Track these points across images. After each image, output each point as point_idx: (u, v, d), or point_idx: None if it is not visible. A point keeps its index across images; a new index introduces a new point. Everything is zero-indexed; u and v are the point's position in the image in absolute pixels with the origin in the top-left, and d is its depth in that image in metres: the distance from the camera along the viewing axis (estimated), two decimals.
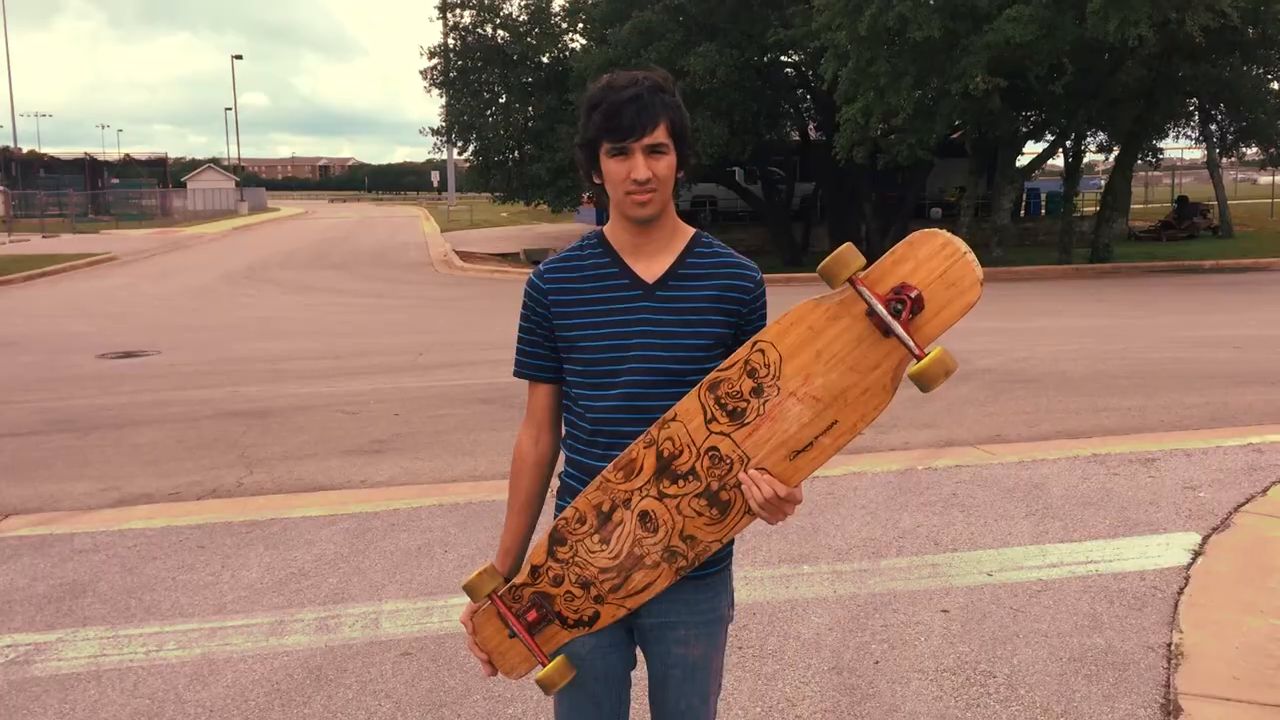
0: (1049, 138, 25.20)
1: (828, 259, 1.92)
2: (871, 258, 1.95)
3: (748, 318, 2.11)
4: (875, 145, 21.42)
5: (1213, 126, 28.94)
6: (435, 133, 30.40)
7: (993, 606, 4.37)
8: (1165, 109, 24.31)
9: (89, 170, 65.90)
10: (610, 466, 2.02)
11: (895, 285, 1.90)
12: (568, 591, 2.06)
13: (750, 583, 4.66)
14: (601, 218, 2.25)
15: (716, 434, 1.97)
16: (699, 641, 2.16)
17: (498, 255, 30.34)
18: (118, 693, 3.78)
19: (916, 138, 20.26)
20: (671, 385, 2.05)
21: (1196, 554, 4.89)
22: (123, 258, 29.48)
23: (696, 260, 2.11)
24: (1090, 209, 32.05)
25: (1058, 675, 3.77)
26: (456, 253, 29.63)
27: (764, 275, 2.20)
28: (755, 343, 1.97)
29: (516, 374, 2.21)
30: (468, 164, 32.62)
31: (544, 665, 2.08)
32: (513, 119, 28.59)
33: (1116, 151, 26.29)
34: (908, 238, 1.96)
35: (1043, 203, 36.98)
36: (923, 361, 1.83)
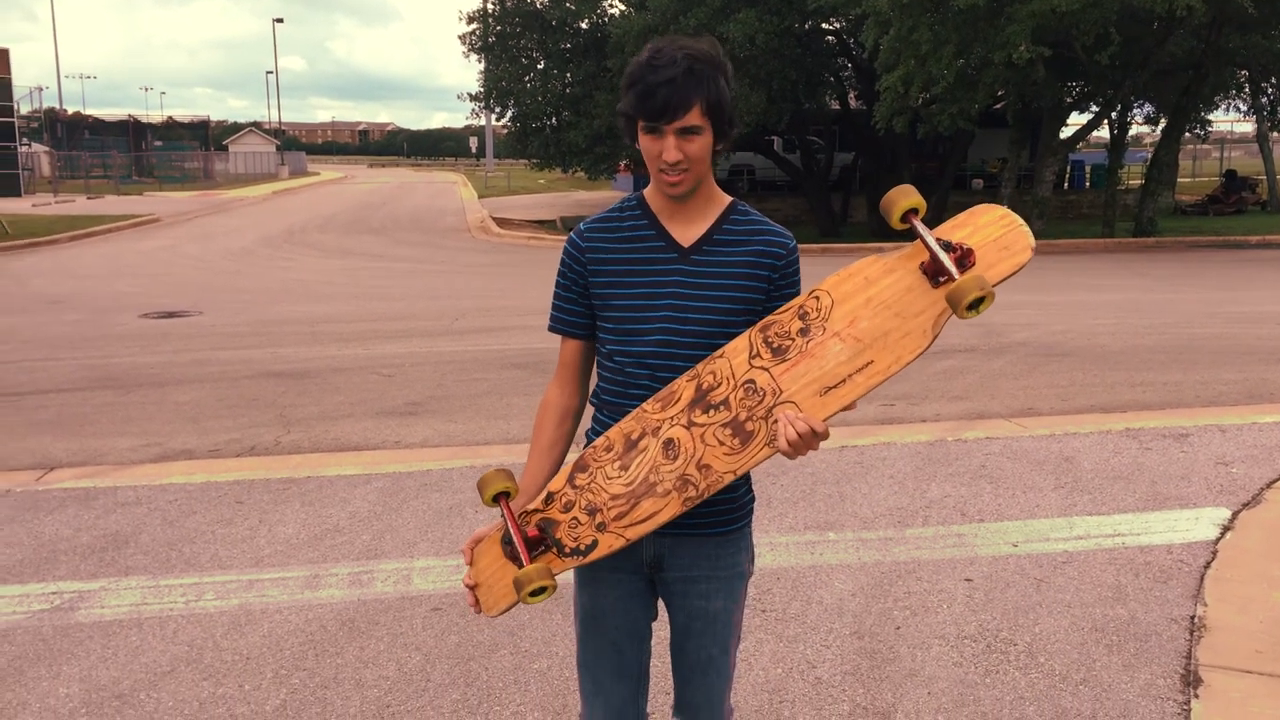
0: (1094, 109, 24.79)
1: (888, 193, 1.98)
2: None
3: (778, 283, 2.13)
4: (915, 114, 21.20)
5: (1263, 99, 28.37)
6: (473, 98, 30.39)
7: (1016, 576, 4.40)
8: (1214, 81, 23.86)
9: (132, 132, 66.53)
10: (651, 399, 2.07)
11: (957, 243, 1.99)
12: (573, 518, 2.08)
13: (776, 549, 4.71)
14: (637, 184, 2.28)
15: (757, 368, 2.01)
16: (719, 595, 2.21)
17: (534, 222, 30.40)
18: (158, 639, 3.90)
19: (957, 107, 20.02)
20: (698, 347, 2.09)
21: (1225, 529, 4.88)
22: (165, 219, 29.85)
23: (732, 226, 2.14)
24: (1135, 182, 31.52)
25: (1078, 645, 3.80)
26: (493, 219, 29.73)
27: (801, 245, 2.22)
28: (813, 291, 2.04)
29: (551, 328, 2.26)
30: (505, 130, 32.59)
31: (528, 561, 2.04)
32: (550, 85, 28.49)
33: (1163, 124, 25.84)
34: (970, 209, 2.05)
35: (1087, 175, 36.49)
36: (960, 279, 1.86)
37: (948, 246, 1.96)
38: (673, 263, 2.13)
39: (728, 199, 2.18)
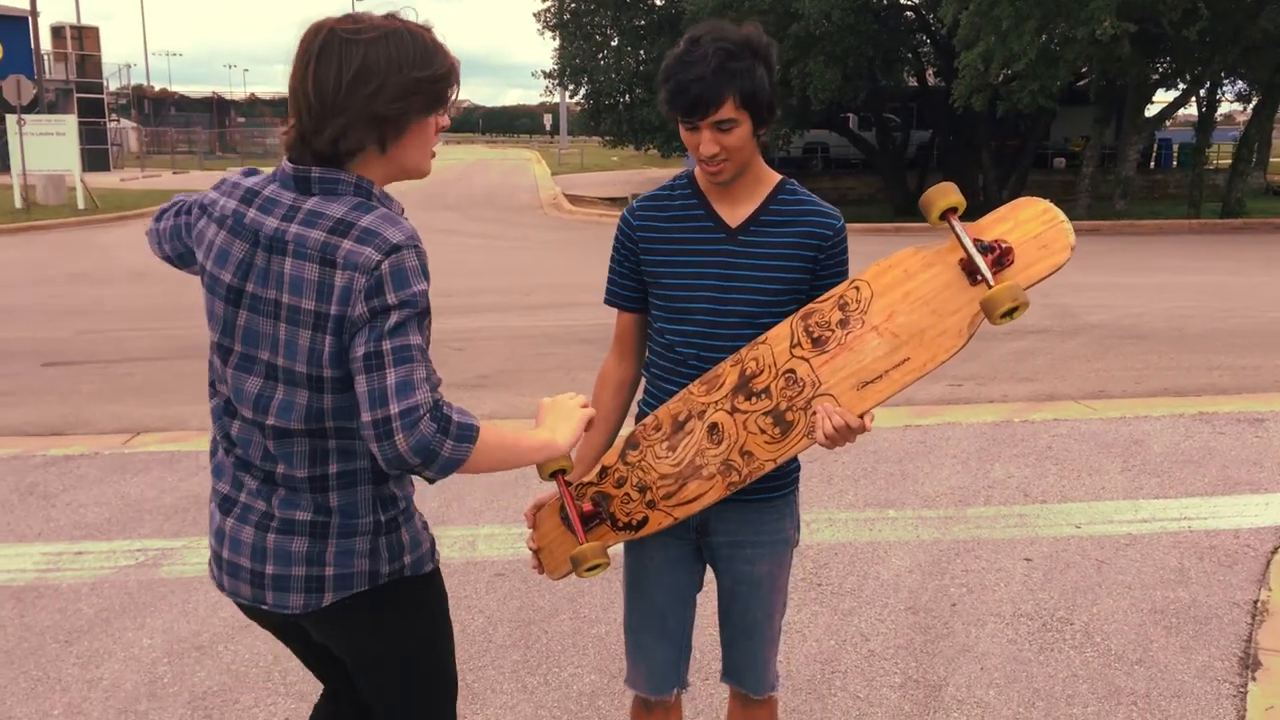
0: (1181, 86, 24.04)
1: (927, 191, 1.99)
2: (988, 207, 2.01)
3: (824, 263, 2.16)
4: (995, 92, 20.77)
5: None
6: (547, 76, 30.55)
7: (1077, 557, 4.38)
8: None
9: (216, 109, 68.12)
10: (697, 381, 2.14)
11: (993, 239, 1.98)
12: (626, 494, 2.18)
13: (835, 525, 4.75)
14: None
15: (797, 358, 2.06)
16: (764, 560, 2.27)
17: (605, 199, 30.51)
18: None
19: (1039, 84, 19.57)
20: (745, 326, 2.14)
21: None
22: None
23: (779, 206, 2.17)
24: (1225, 162, 30.54)
25: (1136, 626, 3.78)
26: (565, 196, 29.90)
27: (874, 224, 2.26)
28: (853, 281, 2.07)
29: (606, 301, 2.34)
30: (579, 107, 32.73)
31: (584, 539, 2.14)
32: (624, 62, 28.50)
33: (1255, 101, 24.97)
34: (1012, 201, 2.05)
35: (1174, 154, 35.42)
36: (994, 289, 1.86)
37: (986, 248, 1.95)
38: (720, 243, 2.17)
39: (777, 178, 2.21)
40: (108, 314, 10.90)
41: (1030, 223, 2.00)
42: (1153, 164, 34.72)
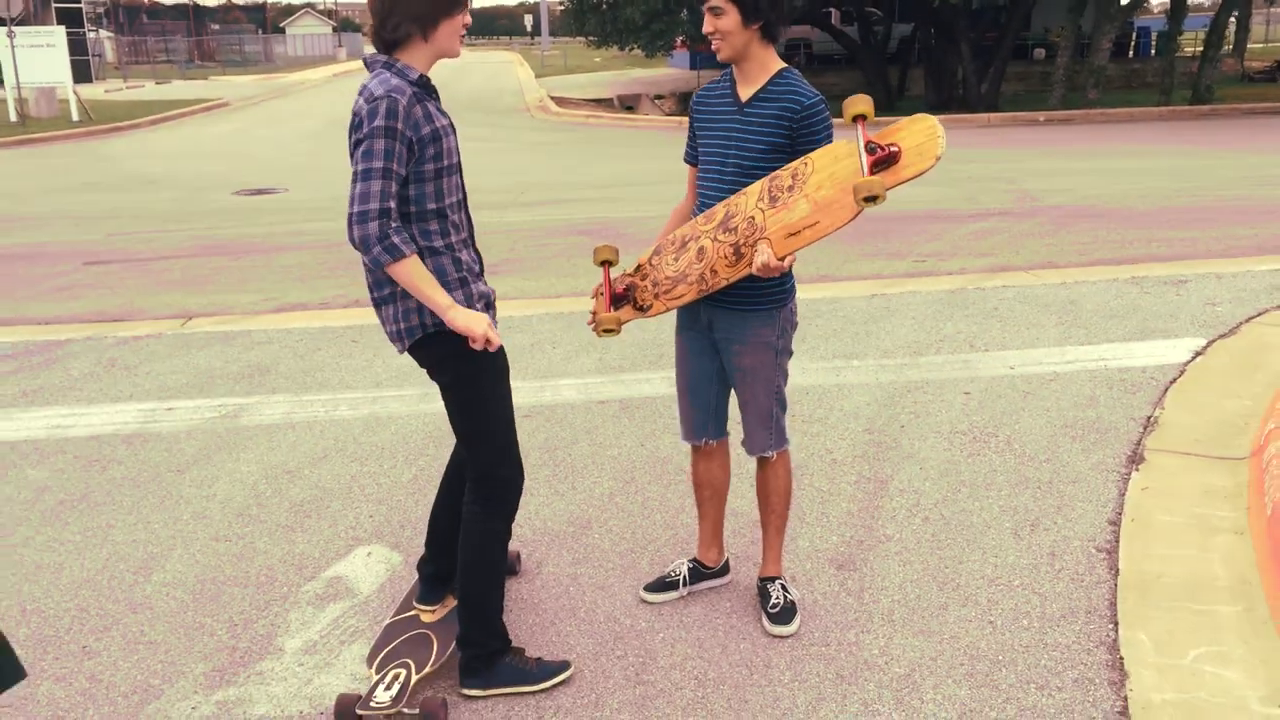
0: None
1: (848, 99, 2.79)
2: (967, 100, 2.83)
3: (799, 131, 2.94)
4: None
5: None
6: None
7: (1008, 390, 5.25)
8: None
9: (192, 16, 67.10)
10: (703, 214, 3.02)
11: (888, 143, 2.76)
12: (645, 285, 3.11)
13: (807, 372, 5.59)
14: (694, 61, 3.13)
15: (758, 208, 2.87)
16: (748, 355, 3.12)
17: (592, 100, 30.82)
18: (310, 435, 4.93)
19: None
20: (740, 174, 2.99)
21: (1198, 354, 5.66)
22: (234, 104, 30.78)
23: (772, 88, 2.98)
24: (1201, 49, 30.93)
25: (1049, 436, 4.66)
26: (551, 98, 30.20)
27: None
28: (806, 158, 2.86)
29: (685, 159, 3.23)
30: (562, 8, 32.73)
31: (610, 310, 3.11)
32: None
33: None
34: (913, 115, 2.83)
35: (1153, 43, 35.72)
36: (861, 180, 2.65)
37: (874, 148, 2.72)
38: (733, 113, 3.02)
39: (778, 66, 3.00)
40: (133, 218, 11.57)
41: (917, 135, 2.76)
42: (1131, 53, 35.07)
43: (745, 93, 2.98)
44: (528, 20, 76.74)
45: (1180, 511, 3.91)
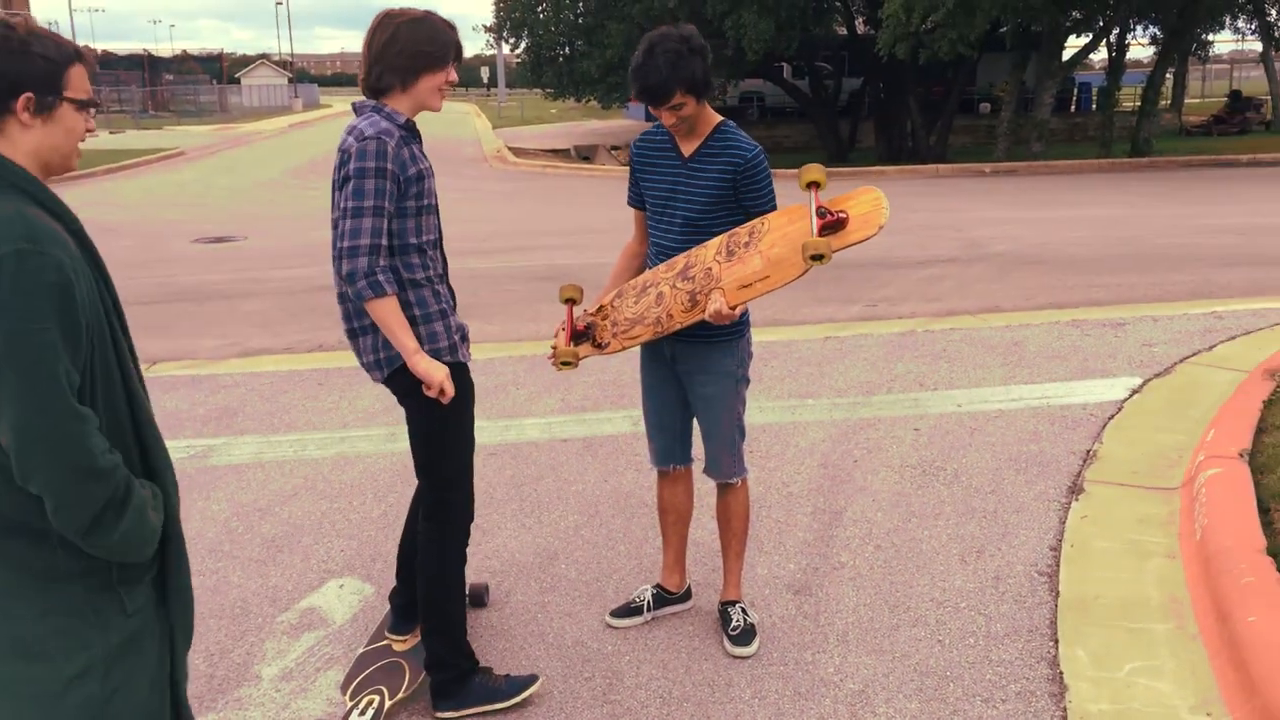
0: (1092, 32, 25.27)
1: (803, 167, 3.05)
2: (916, 152, 3.09)
3: (742, 182, 3.16)
4: (918, 40, 21.82)
5: (1269, 17, 28.72)
6: (488, 29, 31.05)
7: (955, 426, 5.47)
8: (1210, 1, 24.25)
9: (147, 66, 66.99)
10: (665, 262, 3.20)
11: (838, 209, 3.01)
12: (604, 324, 3.28)
13: (764, 411, 5.79)
14: (649, 114, 3.34)
15: (716, 260, 3.07)
16: (710, 385, 3.32)
17: (549, 151, 31.22)
18: (279, 475, 5.03)
19: (957, 33, 20.64)
20: (689, 227, 3.17)
21: (1135, 392, 5.93)
22: (190, 153, 30.78)
23: (714, 143, 3.19)
24: (1138, 104, 32.01)
25: (994, 469, 4.88)
26: (509, 149, 30.54)
27: None
28: (764, 218, 3.10)
29: (628, 202, 3.41)
30: (518, 60, 33.21)
31: (569, 345, 3.27)
32: (563, 15, 29.07)
33: (1160, 45, 26.30)
34: (862, 187, 3.09)
35: (1093, 98, 36.89)
36: (810, 240, 2.88)
37: (824, 213, 2.96)
38: (677, 167, 3.20)
39: (716, 120, 3.21)
40: None
41: (864, 205, 3.03)
42: (1073, 107, 36.20)
43: (688, 147, 3.18)
44: (484, 72, 77.48)
45: (1117, 538, 4.13)
